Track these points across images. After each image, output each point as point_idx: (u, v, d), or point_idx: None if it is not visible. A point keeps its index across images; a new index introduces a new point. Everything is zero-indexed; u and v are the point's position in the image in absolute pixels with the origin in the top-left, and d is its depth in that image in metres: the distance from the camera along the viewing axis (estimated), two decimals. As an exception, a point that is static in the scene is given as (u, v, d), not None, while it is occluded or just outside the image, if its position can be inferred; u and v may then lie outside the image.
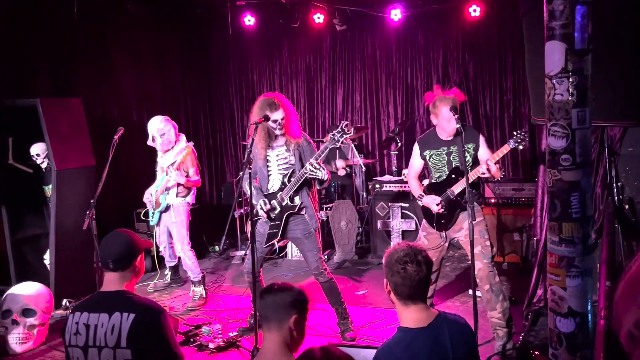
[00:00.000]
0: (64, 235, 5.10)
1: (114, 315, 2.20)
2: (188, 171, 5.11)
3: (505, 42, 6.98)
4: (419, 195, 4.10)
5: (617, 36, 2.24)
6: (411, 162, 4.23)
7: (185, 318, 4.72)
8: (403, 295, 2.11)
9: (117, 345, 2.16)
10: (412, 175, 4.23)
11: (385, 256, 2.18)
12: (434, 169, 4.06)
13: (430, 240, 4.10)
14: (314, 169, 3.84)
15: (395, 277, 2.10)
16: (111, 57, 7.03)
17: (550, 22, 1.63)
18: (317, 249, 4.11)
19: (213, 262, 6.61)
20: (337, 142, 3.79)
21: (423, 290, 2.13)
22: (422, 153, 4.08)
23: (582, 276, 1.71)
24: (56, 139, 5.01)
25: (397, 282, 2.10)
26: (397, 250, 2.14)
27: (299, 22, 7.39)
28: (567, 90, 1.64)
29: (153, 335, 2.20)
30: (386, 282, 2.17)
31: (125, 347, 2.16)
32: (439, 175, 4.04)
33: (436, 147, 3.99)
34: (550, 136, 1.71)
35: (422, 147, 4.08)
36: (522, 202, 5.74)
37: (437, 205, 3.96)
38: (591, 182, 1.73)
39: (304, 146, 4.06)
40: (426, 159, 4.07)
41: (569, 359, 1.74)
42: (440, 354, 2.08)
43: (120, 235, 2.41)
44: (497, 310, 3.87)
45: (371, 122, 7.87)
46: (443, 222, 4.02)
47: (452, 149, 3.94)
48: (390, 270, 2.12)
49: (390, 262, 2.12)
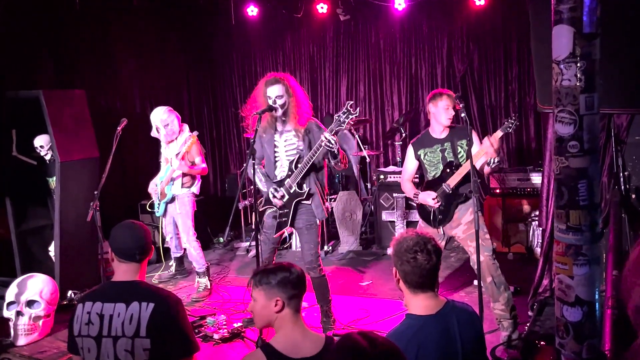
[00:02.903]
0: (69, 226, 5.10)
1: (132, 305, 2.19)
2: (194, 160, 5.10)
3: (510, 32, 6.91)
4: (414, 194, 4.09)
5: (626, 21, 2.20)
6: (405, 165, 4.24)
7: (190, 309, 4.72)
8: (413, 284, 2.11)
9: (136, 334, 2.16)
10: (406, 178, 4.22)
11: (394, 245, 2.16)
12: (429, 167, 4.07)
13: None
14: (330, 142, 3.62)
15: (405, 266, 2.09)
16: (114, 49, 7.01)
17: (558, 6, 1.60)
18: (315, 242, 4.00)
19: (218, 254, 6.62)
20: (342, 123, 3.65)
21: (433, 278, 2.13)
22: (416, 153, 4.10)
23: (590, 264, 1.69)
24: (60, 131, 5.00)
25: (407, 271, 2.10)
26: (407, 238, 2.12)
27: (302, 12, 7.34)
28: (575, 76, 1.61)
29: (172, 325, 2.21)
30: (395, 271, 2.16)
31: (144, 337, 2.16)
32: (434, 173, 4.05)
33: (430, 145, 4.03)
34: (557, 122, 1.69)
35: (417, 148, 4.11)
36: (528, 192, 5.71)
37: (434, 199, 3.94)
38: (599, 169, 1.70)
39: (314, 132, 3.89)
40: (421, 159, 4.09)
41: (576, 348, 1.72)
42: (448, 341, 2.09)
43: (139, 226, 2.42)
44: (500, 302, 3.87)
45: (375, 112, 7.83)
46: (440, 218, 4.01)
47: (445, 146, 3.98)
48: (400, 259, 2.11)
49: (400, 251, 2.11)
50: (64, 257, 5.07)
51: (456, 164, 3.95)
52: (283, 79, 3.88)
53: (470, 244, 3.92)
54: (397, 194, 6.07)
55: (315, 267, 4.00)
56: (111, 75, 6.92)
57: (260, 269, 2.20)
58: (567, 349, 1.73)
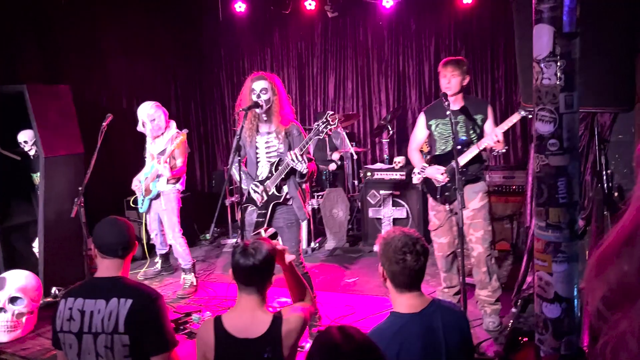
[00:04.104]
0: (53, 223, 5.06)
1: (111, 301, 2.20)
2: (177, 160, 5.07)
3: (497, 30, 6.95)
4: (422, 167, 3.98)
5: (607, 20, 2.22)
6: (414, 134, 4.09)
7: (176, 306, 4.72)
8: (400, 284, 2.11)
9: (114, 330, 2.16)
10: (414, 147, 4.10)
11: (382, 244, 2.14)
12: (439, 139, 3.93)
13: (440, 219, 4.02)
14: (294, 160, 3.69)
15: (393, 266, 2.08)
16: (101, 43, 6.94)
17: (539, 5, 1.61)
18: (296, 240, 4.00)
19: (204, 250, 6.61)
20: (320, 133, 3.64)
21: (420, 278, 2.13)
22: (427, 122, 3.96)
23: (569, 261, 1.71)
24: (44, 126, 4.96)
25: (395, 272, 2.09)
26: (395, 238, 2.10)
27: (290, 8, 7.33)
28: (555, 74, 1.62)
29: (150, 321, 2.21)
30: (382, 270, 2.15)
31: (123, 333, 2.16)
32: (444, 147, 3.92)
33: (443, 116, 3.85)
34: (537, 121, 1.70)
35: (429, 117, 3.97)
36: (513, 189, 5.75)
37: (442, 174, 3.84)
38: (578, 168, 1.72)
39: (294, 136, 3.91)
40: (432, 129, 3.95)
41: (554, 344, 1.74)
42: (432, 340, 2.08)
43: (121, 222, 2.42)
44: (487, 289, 3.92)
45: (363, 109, 7.84)
46: (447, 195, 3.90)
47: (459, 119, 3.80)
48: (388, 259, 2.10)
49: (388, 252, 2.10)
50: (48, 254, 5.03)
51: (468, 141, 3.81)
52: (268, 77, 3.91)
53: (473, 232, 3.89)
54: (384, 191, 6.09)
55: (297, 264, 3.99)
56: (97, 70, 6.86)
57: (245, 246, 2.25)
58: (546, 345, 1.75)
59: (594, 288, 0.95)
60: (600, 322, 0.92)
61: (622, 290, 0.90)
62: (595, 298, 0.94)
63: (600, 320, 0.92)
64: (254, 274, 2.17)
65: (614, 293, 0.91)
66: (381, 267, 2.17)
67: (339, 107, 7.89)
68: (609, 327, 0.90)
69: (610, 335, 0.88)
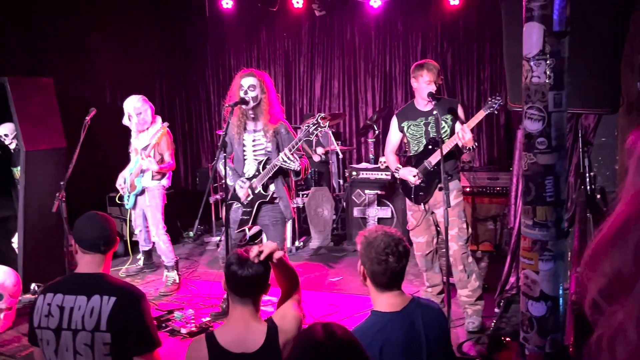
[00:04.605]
0: (33, 218, 4.98)
1: (94, 298, 2.15)
2: (163, 154, 5.02)
3: (483, 32, 7.00)
4: (396, 168, 4.05)
5: (594, 24, 2.24)
6: (389, 137, 4.17)
7: (158, 303, 4.66)
8: (381, 284, 2.11)
9: (96, 328, 2.11)
10: (389, 149, 4.17)
11: (364, 244, 2.11)
12: (412, 141, 4.00)
13: (417, 219, 4.07)
14: (286, 161, 3.72)
15: (374, 267, 2.07)
16: (85, 37, 6.84)
17: (529, 3, 1.62)
18: (281, 238, 3.99)
19: (188, 248, 6.55)
20: (310, 134, 3.68)
21: (401, 278, 2.13)
22: (400, 125, 4.03)
23: (555, 260, 1.71)
24: (25, 120, 4.88)
25: (376, 272, 2.08)
26: (377, 239, 2.08)
27: (278, 6, 7.30)
28: (545, 73, 1.63)
29: (133, 320, 2.16)
30: (362, 270, 2.13)
31: (105, 331, 2.11)
32: (416, 147, 3.98)
33: (414, 117, 3.94)
34: (526, 119, 1.70)
35: (401, 119, 4.03)
36: (497, 191, 5.79)
37: (414, 176, 3.90)
38: (565, 167, 1.73)
39: (282, 135, 3.92)
40: (404, 131, 4.01)
41: (539, 342, 1.75)
42: (413, 338, 2.09)
43: (102, 216, 2.38)
44: (467, 288, 3.94)
45: (349, 109, 7.84)
46: (421, 195, 3.97)
47: (429, 120, 3.88)
48: (370, 259, 2.08)
49: (370, 253, 2.08)
50: (28, 249, 4.95)
51: (439, 140, 3.80)
52: (257, 74, 3.90)
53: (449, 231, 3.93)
54: (369, 191, 6.09)
55: None
56: (81, 64, 6.76)
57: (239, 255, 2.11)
58: (531, 343, 1.76)
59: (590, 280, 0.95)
60: (596, 315, 0.92)
61: (617, 281, 0.90)
62: (592, 290, 0.94)
63: (596, 313, 0.93)
64: (252, 284, 2.03)
65: (610, 285, 0.91)
66: (361, 266, 2.15)
67: (325, 106, 7.89)
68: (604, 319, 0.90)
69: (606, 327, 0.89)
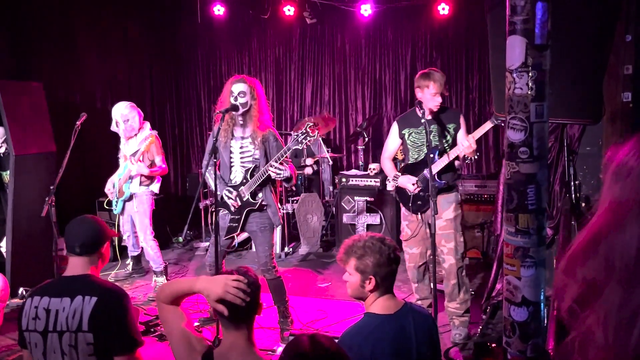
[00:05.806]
0: (22, 222, 4.97)
1: (76, 299, 2.17)
2: (154, 159, 5.03)
3: (472, 41, 7.09)
4: (394, 175, 3.99)
5: (577, 36, 2.30)
6: (387, 143, 4.11)
7: (147, 308, 4.67)
8: (386, 287, 2.21)
9: (78, 329, 2.13)
10: (386, 156, 4.11)
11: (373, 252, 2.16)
12: (412, 149, 3.95)
13: (413, 229, 4.01)
14: (279, 173, 3.74)
15: (385, 270, 2.17)
16: (76, 42, 6.86)
17: (512, 17, 1.67)
18: (269, 244, 4.00)
19: (177, 253, 6.55)
20: (299, 143, 3.68)
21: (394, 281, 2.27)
22: (401, 132, 3.97)
23: (536, 266, 1.76)
24: (15, 124, 4.87)
25: (386, 275, 2.18)
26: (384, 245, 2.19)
27: (269, 13, 7.35)
28: (527, 84, 1.68)
29: (114, 320, 2.18)
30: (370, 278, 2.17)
31: (87, 331, 2.13)
32: (417, 155, 3.94)
33: (416, 125, 3.87)
34: (509, 129, 1.75)
35: (402, 126, 3.98)
36: (485, 198, 5.86)
37: (413, 185, 3.85)
38: (547, 175, 1.78)
39: (270, 142, 3.91)
40: (405, 138, 3.96)
41: (521, 346, 1.78)
42: (404, 341, 2.15)
43: (88, 220, 2.41)
44: (456, 301, 3.95)
45: (339, 116, 7.89)
46: (419, 204, 3.91)
47: (432, 128, 3.81)
48: (379, 265, 2.16)
49: (381, 259, 2.16)
50: (16, 253, 4.93)
51: (441, 150, 3.82)
52: (249, 81, 3.92)
53: (445, 244, 3.88)
54: (358, 197, 6.13)
55: (270, 268, 4.00)
56: (72, 68, 6.76)
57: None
58: (513, 348, 1.80)
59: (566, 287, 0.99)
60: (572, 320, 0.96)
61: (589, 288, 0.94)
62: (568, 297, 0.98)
63: (572, 319, 0.96)
64: (247, 310, 1.83)
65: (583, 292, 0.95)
66: (358, 275, 2.19)
67: (316, 113, 7.93)
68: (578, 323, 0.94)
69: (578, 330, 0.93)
